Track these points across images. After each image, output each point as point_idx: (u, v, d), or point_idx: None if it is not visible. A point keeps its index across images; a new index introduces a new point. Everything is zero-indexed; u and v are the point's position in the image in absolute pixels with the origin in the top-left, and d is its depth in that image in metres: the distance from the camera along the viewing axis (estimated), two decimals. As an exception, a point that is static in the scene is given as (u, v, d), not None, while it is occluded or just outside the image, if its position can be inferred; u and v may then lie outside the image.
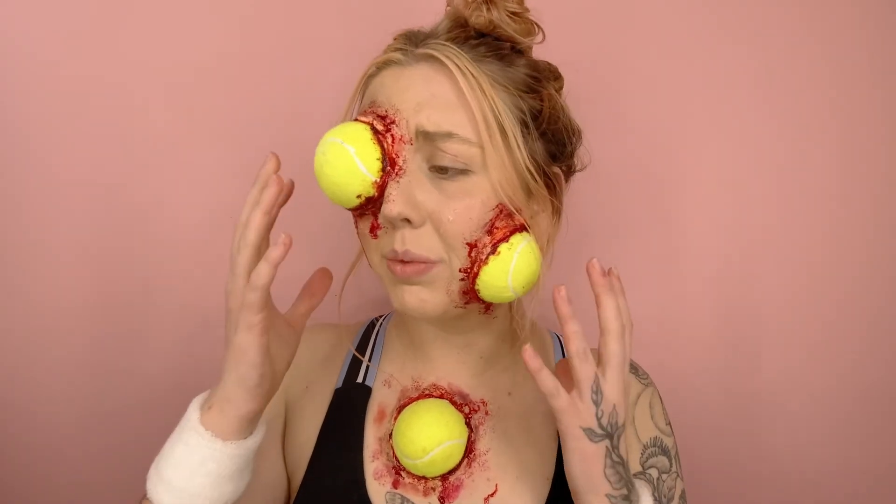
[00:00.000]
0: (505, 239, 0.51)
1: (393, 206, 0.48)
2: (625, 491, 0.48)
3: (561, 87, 0.58)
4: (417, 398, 0.59)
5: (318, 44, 0.78)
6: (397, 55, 0.52)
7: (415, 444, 0.54)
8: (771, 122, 0.79)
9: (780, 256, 0.81)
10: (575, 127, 0.57)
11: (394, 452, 0.57)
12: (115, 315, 0.80)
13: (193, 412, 0.48)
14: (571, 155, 0.58)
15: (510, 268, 0.50)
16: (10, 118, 0.76)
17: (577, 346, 0.47)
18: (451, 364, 0.60)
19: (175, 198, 0.80)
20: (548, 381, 0.47)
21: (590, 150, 0.60)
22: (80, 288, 0.79)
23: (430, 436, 0.54)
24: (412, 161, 0.50)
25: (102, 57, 0.77)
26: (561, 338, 0.66)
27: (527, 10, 0.55)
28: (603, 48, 0.79)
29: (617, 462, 0.48)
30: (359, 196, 0.50)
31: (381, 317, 0.68)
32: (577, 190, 0.62)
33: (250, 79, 0.78)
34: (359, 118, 0.52)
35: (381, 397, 0.61)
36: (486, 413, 0.59)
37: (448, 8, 0.55)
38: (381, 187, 0.50)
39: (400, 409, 0.58)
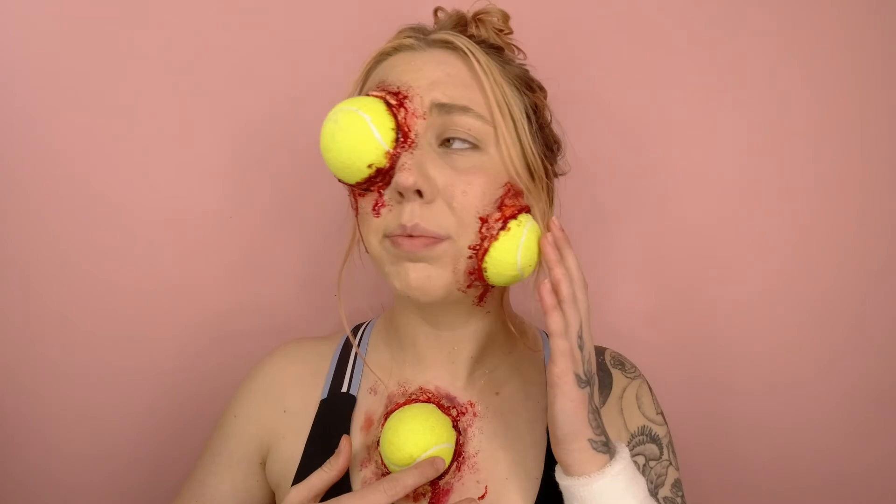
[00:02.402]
0: (514, 216, 0.52)
1: (409, 174, 0.48)
2: (603, 438, 0.50)
3: (545, 97, 0.60)
4: (404, 403, 0.59)
5: (318, 41, 0.79)
6: (409, 41, 0.54)
7: (402, 451, 0.54)
8: (753, 122, 0.80)
9: (762, 253, 0.82)
10: (556, 136, 0.60)
11: (382, 460, 0.56)
12: (115, 317, 0.80)
13: None
14: (555, 160, 0.60)
15: (520, 243, 0.51)
16: (10, 117, 0.76)
17: (566, 290, 0.49)
18: (440, 365, 0.60)
19: (175, 197, 0.80)
20: (559, 321, 0.49)
21: (576, 151, 0.62)
22: (80, 290, 0.79)
23: (416, 442, 0.54)
24: (423, 136, 0.51)
25: (104, 55, 0.77)
26: (544, 333, 0.66)
27: (510, 30, 0.58)
28: (589, 51, 0.80)
29: (594, 410, 0.50)
30: (370, 166, 0.50)
31: (362, 324, 0.68)
32: (563, 190, 0.64)
33: (255, 78, 0.79)
34: (370, 93, 0.52)
35: (368, 405, 0.60)
36: (475, 415, 0.59)
37: (436, 24, 0.59)
38: (393, 159, 0.50)
39: (387, 415, 0.58)
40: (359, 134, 0.49)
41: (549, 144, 0.58)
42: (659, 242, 0.83)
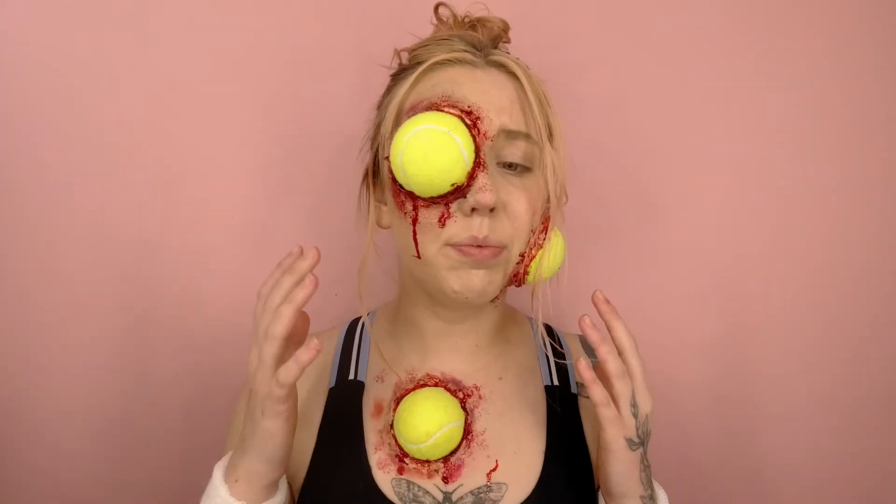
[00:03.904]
0: (551, 228, 0.60)
1: (491, 194, 0.52)
2: (650, 491, 0.55)
3: None
4: (413, 388, 0.62)
5: (331, 48, 0.80)
6: (469, 56, 0.57)
7: (418, 430, 0.57)
8: (761, 127, 0.82)
9: (769, 261, 0.84)
10: None
11: (396, 442, 0.59)
12: (124, 316, 0.80)
13: (220, 486, 0.53)
14: None
15: (558, 251, 0.60)
16: (11, 116, 0.76)
17: (615, 366, 0.53)
18: (446, 352, 0.64)
19: (185, 198, 0.81)
20: (600, 392, 0.52)
21: (582, 153, 0.66)
22: (90, 291, 0.79)
23: (431, 420, 0.57)
24: (488, 156, 0.55)
25: (112, 61, 0.77)
26: (533, 321, 0.70)
27: (508, 39, 0.63)
28: (596, 54, 0.82)
29: (647, 466, 0.55)
30: (453, 184, 0.53)
31: (360, 317, 0.70)
32: (572, 196, 0.66)
33: (265, 82, 0.80)
34: (447, 110, 0.54)
35: (376, 392, 0.63)
36: (480, 397, 0.63)
37: (437, 23, 0.63)
38: (470, 177, 0.53)
39: (397, 400, 0.61)
40: (453, 156, 0.52)
41: None
42: (661, 244, 0.85)
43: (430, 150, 0.51)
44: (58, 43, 0.76)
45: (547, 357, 0.67)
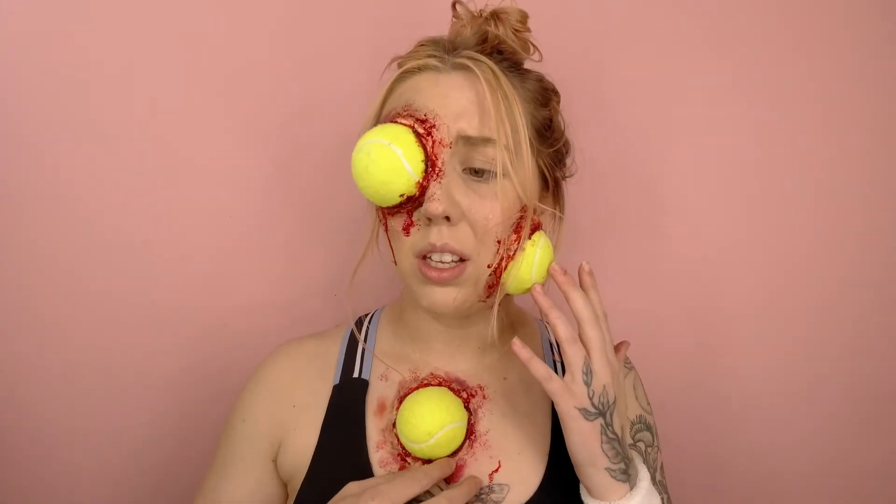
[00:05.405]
0: (528, 237, 0.57)
1: (438, 204, 0.52)
2: (623, 465, 0.53)
3: (559, 102, 0.63)
4: (417, 388, 0.62)
5: (330, 48, 0.80)
6: (433, 62, 0.56)
7: (420, 430, 0.57)
8: (755, 125, 0.82)
9: (759, 257, 0.84)
10: (567, 140, 0.65)
11: (398, 441, 0.59)
12: (124, 317, 0.80)
13: None
14: (565, 163, 0.65)
15: (534, 261, 0.57)
16: (21, 122, 0.76)
17: (564, 331, 0.53)
18: (450, 354, 0.64)
19: (184, 199, 0.81)
20: (540, 368, 0.52)
21: (584, 152, 0.66)
22: (88, 291, 0.79)
23: (433, 420, 0.57)
24: (449, 164, 0.55)
25: (111, 60, 0.78)
26: (544, 323, 0.70)
27: (528, 29, 0.62)
28: (591, 50, 0.82)
29: (612, 438, 0.53)
30: (402, 195, 0.53)
31: (365, 315, 0.70)
32: (579, 194, 0.68)
33: (263, 82, 0.80)
34: (399, 121, 0.55)
35: (380, 391, 0.63)
36: (484, 397, 0.62)
37: (454, 20, 0.62)
38: (423, 187, 0.54)
39: (401, 399, 0.61)
40: (391, 167, 0.52)
41: (560, 152, 0.62)
42: (662, 245, 0.86)
43: (370, 163, 0.52)
44: (56, 43, 0.76)
45: (554, 358, 0.66)
